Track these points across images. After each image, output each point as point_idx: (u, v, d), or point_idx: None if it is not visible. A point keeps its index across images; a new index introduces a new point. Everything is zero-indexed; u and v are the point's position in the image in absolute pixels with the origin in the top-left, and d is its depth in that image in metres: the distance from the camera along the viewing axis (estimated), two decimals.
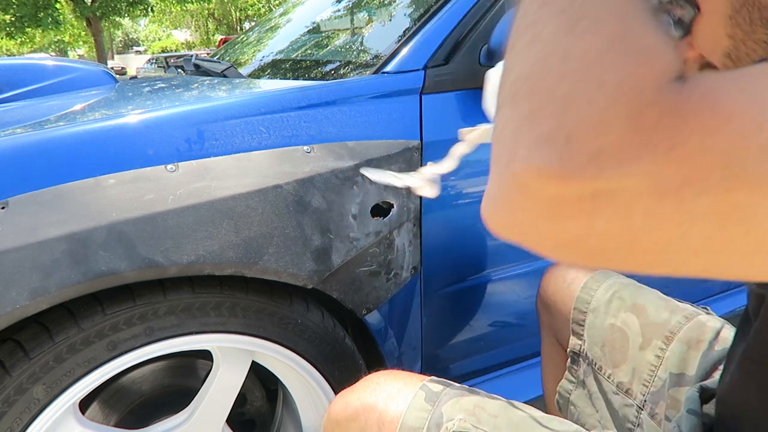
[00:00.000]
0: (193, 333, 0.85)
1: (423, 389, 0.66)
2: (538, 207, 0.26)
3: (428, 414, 0.62)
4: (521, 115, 0.26)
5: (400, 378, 0.68)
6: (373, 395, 0.66)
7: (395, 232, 0.98)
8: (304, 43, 1.61)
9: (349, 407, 0.67)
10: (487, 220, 0.30)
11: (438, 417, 0.62)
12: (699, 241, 0.25)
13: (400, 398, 0.64)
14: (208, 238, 0.79)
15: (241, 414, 1.09)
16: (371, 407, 0.65)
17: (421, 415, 0.62)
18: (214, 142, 0.86)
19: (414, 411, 0.62)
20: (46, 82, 1.55)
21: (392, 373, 0.70)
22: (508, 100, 0.28)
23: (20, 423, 0.76)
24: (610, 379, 0.86)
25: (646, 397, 0.80)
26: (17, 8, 14.91)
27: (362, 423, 0.64)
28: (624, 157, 0.23)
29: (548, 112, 0.25)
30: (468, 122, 1.07)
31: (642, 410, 0.80)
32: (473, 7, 1.09)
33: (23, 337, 0.76)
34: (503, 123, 0.28)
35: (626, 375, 0.84)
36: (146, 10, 17.94)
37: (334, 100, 0.98)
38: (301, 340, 0.94)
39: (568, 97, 0.25)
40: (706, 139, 0.23)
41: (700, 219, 0.24)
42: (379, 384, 0.67)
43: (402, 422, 0.61)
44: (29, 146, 0.79)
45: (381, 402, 0.64)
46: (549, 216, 0.26)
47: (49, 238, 0.70)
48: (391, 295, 1.01)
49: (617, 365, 0.86)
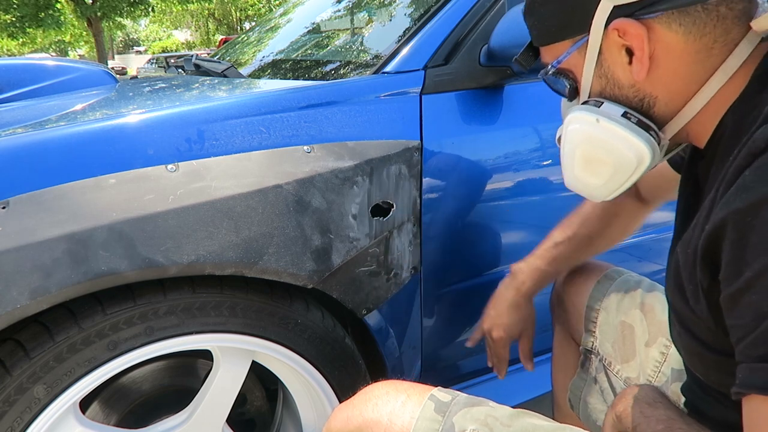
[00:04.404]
0: (194, 333, 0.85)
1: (432, 399, 0.65)
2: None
3: (439, 425, 0.61)
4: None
5: (401, 390, 0.66)
6: (376, 410, 0.64)
7: (395, 232, 0.98)
8: (305, 43, 1.61)
9: (350, 423, 0.66)
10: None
11: (449, 428, 0.61)
12: None
13: (405, 412, 0.63)
14: (209, 238, 0.79)
15: (241, 414, 1.09)
16: (375, 423, 0.63)
17: (432, 426, 0.61)
18: (215, 142, 0.86)
19: (424, 422, 0.61)
20: (46, 82, 1.55)
21: (392, 384, 0.69)
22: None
23: (21, 422, 0.76)
24: (618, 375, 0.87)
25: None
26: (18, 8, 14.91)
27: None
28: None
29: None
30: (468, 122, 1.07)
31: None
32: (473, 7, 1.09)
33: (24, 337, 0.76)
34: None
35: (634, 371, 0.85)
36: (147, 10, 17.95)
37: (334, 100, 0.98)
38: (301, 340, 0.94)
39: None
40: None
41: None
42: (380, 398, 0.66)
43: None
44: (30, 146, 0.79)
45: (385, 418, 0.63)
46: None
47: (49, 238, 0.70)
48: (391, 295, 1.01)
49: (626, 361, 0.87)
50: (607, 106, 0.59)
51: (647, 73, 0.55)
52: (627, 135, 0.58)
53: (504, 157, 1.09)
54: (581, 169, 0.66)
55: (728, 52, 0.53)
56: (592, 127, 0.60)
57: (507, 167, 1.10)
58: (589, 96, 0.62)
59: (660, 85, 0.56)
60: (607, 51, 0.57)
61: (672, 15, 0.52)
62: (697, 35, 0.53)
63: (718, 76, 0.53)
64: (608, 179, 0.63)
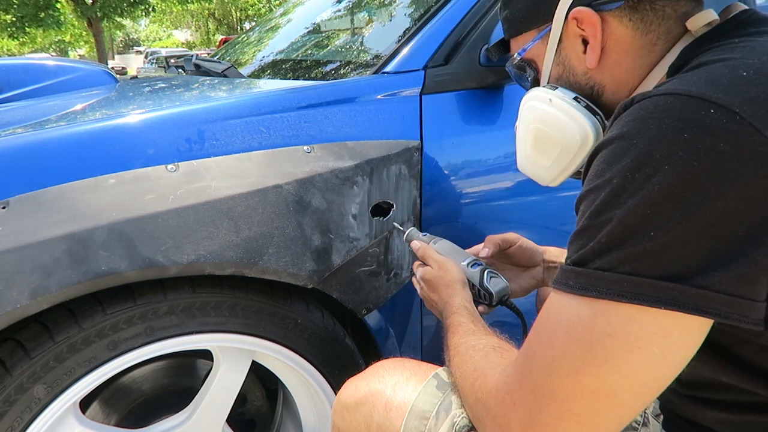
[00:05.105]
0: (194, 333, 0.85)
1: (435, 378, 0.68)
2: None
3: (439, 400, 0.64)
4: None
5: (407, 366, 0.69)
6: (382, 382, 0.68)
7: (395, 232, 0.98)
8: (305, 43, 1.61)
9: (357, 392, 0.69)
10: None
11: (447, 404, 0.64)
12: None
13: (408, 385, 0.66)
14: (209, 238, 0.79)
15: (241, 413, 1.09)
16: (379, 393, 0.67)
17: (431, 401, 0.63)
18: (215, 142, 0.86)
19: (425, 396, 0.64)
20: (46, 82, 1.55)
21: (400, 361, 0.72)
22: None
23: (21, 422, 0.76)
24: None
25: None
26: (18, 8, 14.91)
27: (369, 407, 0.66)
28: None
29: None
30: (468, 122, 1.07)
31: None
32: (473, 8, 1.09)
33: (24, 337, 0.76)
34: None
35: None
36: (147, 10, 17.95)
37: (334, 100, 0.98)
38: (301, 339, 0.94)
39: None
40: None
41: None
42: (387, 371, 0.69)
43: (413, 405, 0.63)
44: (30, 146, 0.79)
45: (389, 388, 0.66)
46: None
47: (49, 238, 0.70)
48: (391, 295, 1.01)
49: None
50: (561, 90, 0.67)
51: (598, 62, 0.62)
52: (576, 114, 0.64)
53: (504, 157, 1.09)
54: (532, 148, 0.73)
55: (668, 50, 0.59)
56: (545, 104, 0.68)
57: (507, 167, 1.10)
58: (548, 83, 0.70)
59: (609, 75, 0.63)
60: (566, 40, 0.65)
61: (624, 10, 0.59)
62: (644, 31, 0.60)
63: (656, 71, 0.59)
64: (555, 159, 0.69)
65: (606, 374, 0.45)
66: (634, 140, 0.45)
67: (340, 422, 0.70)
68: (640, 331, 0.44)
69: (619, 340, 0.44)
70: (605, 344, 0.45)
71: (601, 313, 0.45)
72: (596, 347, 0.45)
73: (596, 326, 0.45)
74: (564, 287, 0.48)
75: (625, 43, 0.61)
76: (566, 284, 0.48)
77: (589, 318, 0.46)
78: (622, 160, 0.46)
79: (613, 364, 0.45)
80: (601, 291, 0.45)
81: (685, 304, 0.42)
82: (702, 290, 0.42)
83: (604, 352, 0.45)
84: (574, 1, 0.62)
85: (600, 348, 0.45)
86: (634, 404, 0.47)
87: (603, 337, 0.45)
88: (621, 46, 0.61)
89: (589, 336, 0.46)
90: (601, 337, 0.45)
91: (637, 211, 0.44)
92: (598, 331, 0.45)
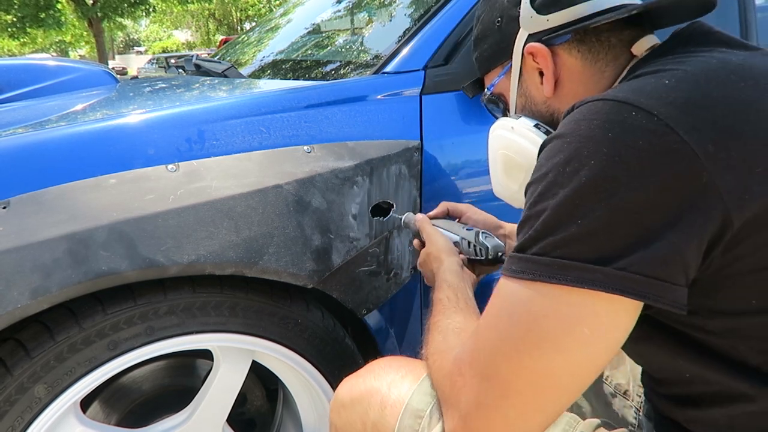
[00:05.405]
0: (194, 332, 0.86)
1: (430, 377, 0.68)
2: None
3: (433, 399, 0.64)
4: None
5: (403, 365, 0.70)
6: (378, 380, 0.69)
7: (395, 231, 0.98)
8: (305, 43, 1.61)
9: (354, 390, 0.70)
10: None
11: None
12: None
13: (403, 384, 0.66)
14: (209, 238, 0.79)
15: (241, 413, 1.09)
16: (375, 390, 0.67)
17: (426, 399, 0.64)
18: (215, 142, 0.86)
19: (419, 395, 0.65)
20: (47, 82, 1.55)
21: (396, 359, 0.73)
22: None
23: (21, 422, 0.76)
24: (608, 381, 0.86)
25: (642, 398, 0.80)
26: (19, 8, 14.92)
27: (365, 405, 0.67)
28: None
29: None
30: (468, 122, 1.07)
31: (640, 412, 0.80)
32: (473, 7, 1.09)
33: (24, 337, 0.76)
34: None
35: (624, 377, 0.85)
36: (148, 11, 17.96)
37: (334, 101, 0.98)
38: (301, 339, 0.94)
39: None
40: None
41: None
42: (383, 369, 0.70)
43: (407, 404, 0.64)
44: (30, 146, 0.79)
45: (384, 386, 0.67)
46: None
47: (50, 238, 0.70)
48: (391, 295, 1.01)
49: (615, 367, 0.86)
50: (523, 119, 0.74)
51: (554, 91, 0.69)
52: (536, 138, 0.70)
53: None
54: (502, 173, 0.80)
55: (618, 75, 0.65)
56: (509, 132, 0.76)
57: None
58: (515, 113, 0.77)
59: (565, 101, 0.68)
60: (526, 73, 0.72)
61: (572, 43, 0.67)
62: (592, 60, 0.66)
63: None
64: (522, 182, 0.74)
65: (543, 353, 0.49)
66: (568, 139, 0.51)
67: (337, 419, 0.71)
68: (571, 310, 0.48)
69: (553, 320, 0.49)
70: (541, 324, 0.49)
71: (537, 294, 0.49)
72: (533, 327, 0.49)
73: (533, 307, 0.50)
74: (507, 272, 0.52)
75: (577, 72, 0.67)
76: (509, 269, 0.52)
77: (527, 299, 0.50)
78: (556, 156, 0.51)
79: (550, 344, 0.49)
80: (535, 274, 0.49)
81: (607, 284, 0.46)
82: (621, 272, 0.46)
83: (540, 331, 0.49)
84: (529, 37, 0.69)
85: (537, 328, 0.49)
86: (571, 384, 0.50)
87: (539, 317, 0.49)
88: (573, 75, 0.67)
89: (527, 317, 0.50)
90: (537, 318, 0.49)
91: (567, 201, 0.48)
92: (535, 311, 0.49)
